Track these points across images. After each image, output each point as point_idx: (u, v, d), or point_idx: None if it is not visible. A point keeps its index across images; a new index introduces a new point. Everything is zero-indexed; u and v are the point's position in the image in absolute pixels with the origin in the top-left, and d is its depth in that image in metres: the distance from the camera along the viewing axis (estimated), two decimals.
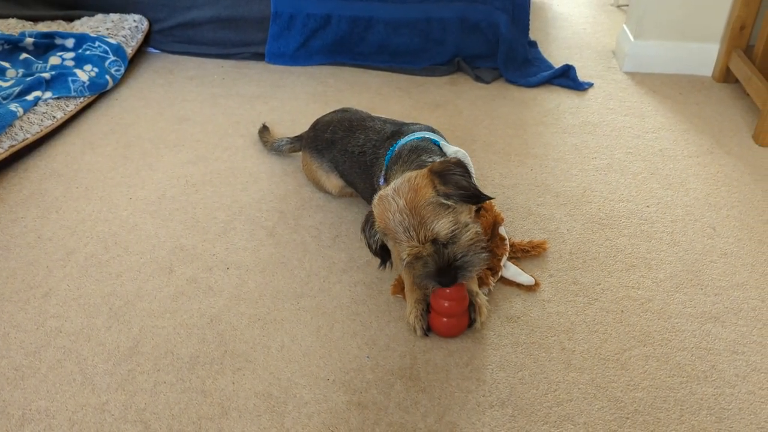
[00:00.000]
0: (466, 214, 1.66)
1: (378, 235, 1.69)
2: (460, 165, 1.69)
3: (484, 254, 1.64)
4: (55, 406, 1.56)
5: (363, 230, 1.73)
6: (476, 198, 1.66)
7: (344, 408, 1.57)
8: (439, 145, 1.90)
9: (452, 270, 1.59)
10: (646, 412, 1.57)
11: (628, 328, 1.81)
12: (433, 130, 2.03)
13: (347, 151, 2.14)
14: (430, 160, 1.79)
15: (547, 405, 1.59)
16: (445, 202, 1.60)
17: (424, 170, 1.66)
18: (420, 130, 1.99)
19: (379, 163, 1.99)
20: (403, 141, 1.92)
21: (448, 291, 1.67)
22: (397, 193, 1.61)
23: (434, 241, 1.58)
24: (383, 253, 1.76)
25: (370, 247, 1.74)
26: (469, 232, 1.62)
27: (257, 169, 2.47)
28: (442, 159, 1.77)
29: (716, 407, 1.58)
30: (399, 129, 2.05)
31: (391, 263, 1.77)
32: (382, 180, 1.94)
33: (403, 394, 1.60)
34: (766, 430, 1.53)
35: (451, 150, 1.88)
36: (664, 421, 1.55)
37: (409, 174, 1.65)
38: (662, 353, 1.73)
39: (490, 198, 1.71)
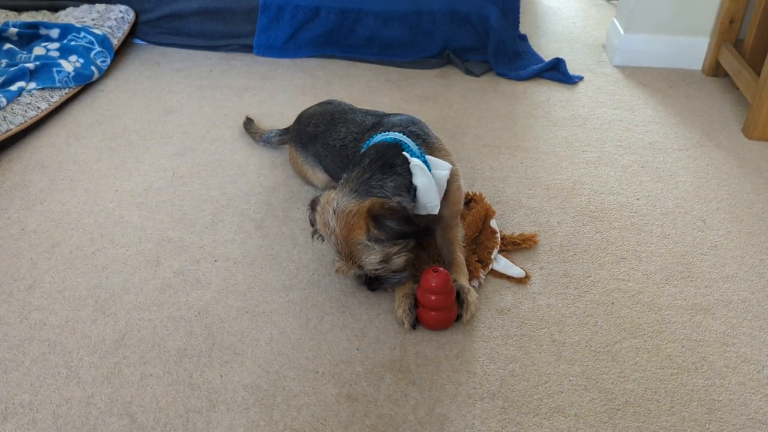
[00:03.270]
0: (398, 246, 1.70)
1: (314, 232, 1.83)
2: (398, 211, 1.65)
3: (404, 274, 1.78)
4: (39, 400, 1.53)
5: (309, 210, 1.82)
6: (414, 234, 1.72)
7: (334, 400, 1.55)
8: (408, 153, 1.79)
9: (374, 282, 1.77)
10: (636, 404, 1.56)
11: (619, 320, 1.80)
12: (414, 122, 1.97)
13: (329, 144, 2.11)
14: (376, 191, 1.70)
15: (537, 397, 1.58)
16: (369, 244, 1.67)
17: (363, 209, 1.66)
18: (401, 124, 1.92)
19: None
20: (376, 138, 1.86)
21: (434, 284, 1.67)
22: (336, 217, 1.68)
23: (361, 267, 1.71)
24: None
25: (311, 223, 1.82)
26: (396, 261, 1.71)
27: (245, 161, 2.45)
28: (383, 201, 1.67)
29: (707, 398, 1.58)
30: (379, 121, 2.01)
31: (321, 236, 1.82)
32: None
33: (393, 386, 1.59)
34: (756, 420, 1.53)
35: (414, 164, 1.75)
36: (654, 413, 1.54)
37: (350, 207, 1.67)
38: (653, 345, 1.72)
39: (425, 234, 1.88)
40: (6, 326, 1.72)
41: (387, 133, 1.87)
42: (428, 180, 1.75)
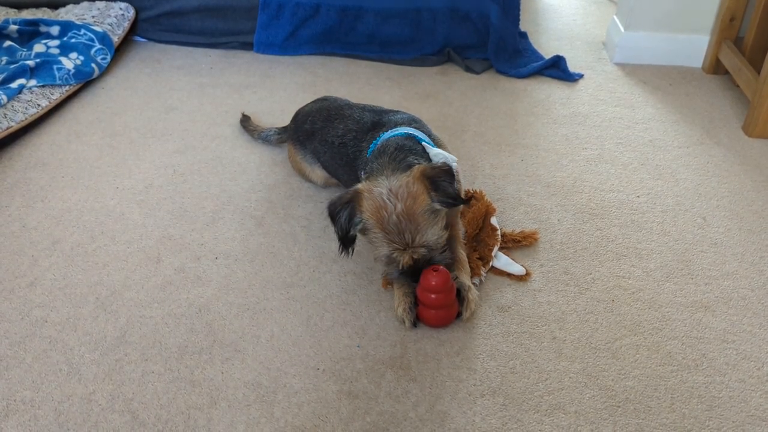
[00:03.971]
0: (444, 219, 1.72)
1: (360, 226, 1.69)
2: (449, 172, 1.70)
3: (447, 254, 1.76)
4: (41, 397, 1.53)
5: (337, 215, 1.69)
6: (458, 202, 1.72)
7: (334, 397, 1.56)
8: (423, 144, 1.88)
9: (412, 271, 1.71)
10: (637, 401, 1.57)
11: (619, 317, 1.80)
12: (415, 120, 2.00)
13: (327, 141, 2.12)
14: (416, 162, 1.77)
15: (538, 394, 1.58)
16: (437, 208, 1.68)
17: (417, 173, 1.67)
18: (403, 122, 1.95)
19: (362, 156, 1.96)
20: (386, 135, 1.88)
21: (434, 283, 1.66)
22: (395, 196, 1.64)
23: (416, 249, 1.66)
24: (350, 242, 1.74)
25: (343, 232, 1.70)
26: (443, 237, 1.72)
27: (246, 158, 2.45)
28: (432, 164, 1.75)
29: (707, 395, 1.59)
30: (380, 119, 2.02)
31: (353, 251, 1.77)
32: (362, 173, 1.90)
33: (393, 383, 1.59)
34: (756, 417, 1.53)
35: (435, 152, 1.85)
36: (655, 410, 1.55)
37: (405, 178, 1.67)
38: (653, 342, 1.73)
39: (467, 202, 1.82)
40: (7, 323, 1.72)
41: (395, 129, 1.89)
42: (449, 157, 1.83)
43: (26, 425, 1.46)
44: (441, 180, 1.67)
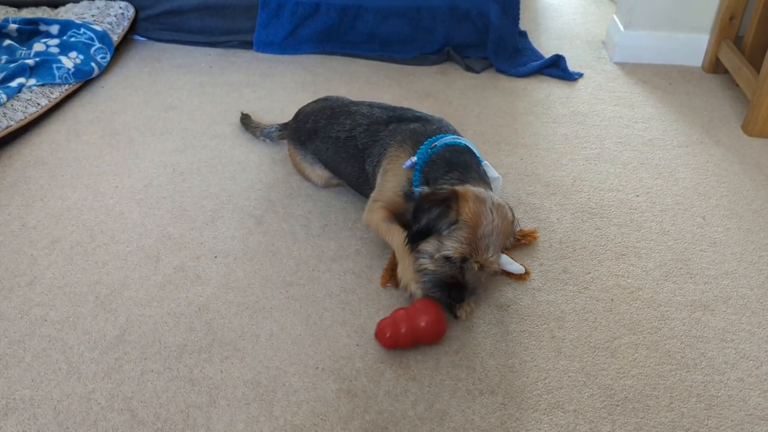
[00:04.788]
0: None
1: (452, 226, 1.65)
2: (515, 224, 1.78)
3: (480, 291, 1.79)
4: (40, 395, 1.53)
5: (429, 209, 1.67)
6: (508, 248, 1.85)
7: (334, 396, 1.56)
8: (480, 161, 1.89)
9: (463, 290, 1.68)
10: (636, 400, 1.57)
11: (618, 316, 1.81)
12: (441, 122, 2.02)
13: (331, 137, 2.12)
14: (496, 190, 1.87)
15: (537, 393, 1.58)
16: (507, 244, 1.76)
17: (509, 210, 1.73)
18: (440, 126, 1.97)
19: (380, 145, 1.98)
20: (447, 140, 1.88)
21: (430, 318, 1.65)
22: (496, 210, 1.67)
23: (482, 267, 1.67)
24: (423, 237, 1.71)
25: (426, 227, 1.68)
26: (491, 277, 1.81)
27: (245, 157, 2.45)
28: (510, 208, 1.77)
29: (706, 394, 1.59)
30: (397, 114, 2.04)
31: (416, 247, 1.74)
32: (417, 183, 1.85)
33: (392, 382, 1.59)
34: (754, 416, 1.54)
35: (492, 175, 1.90)
36: (653, 408, 1.55)
37: (499, 201, 1.71)
38: (652, 341, 1.73)
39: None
40: (7, 322, 1.73)
41: (452, 137, 1.91)
42: (498, 176, 1.92)
43: (26, 424, 1.47)
44: (515, 226, 1.76)
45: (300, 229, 2.09)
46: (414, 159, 1.86)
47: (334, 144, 2.12)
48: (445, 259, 1.66)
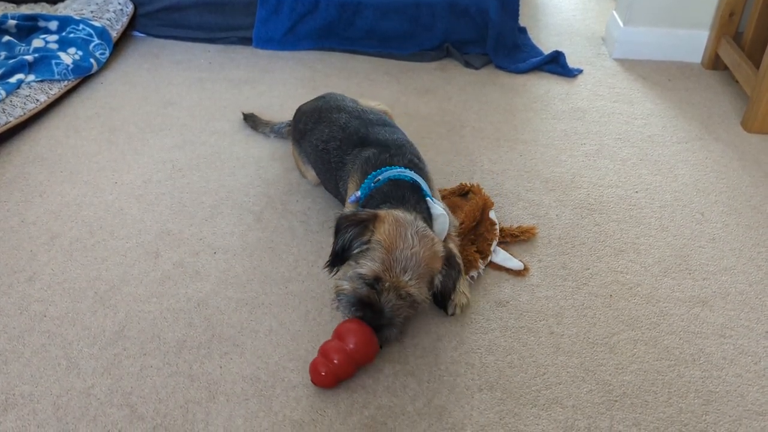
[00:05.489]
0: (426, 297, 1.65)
1: (364, 246, 1.60)
2: (460, 272, 1.70)
3: (395, 332, 1.63)
4: (40, 391, 1.53)
5: (345, 229, 1.63)
6: (444, 300, 1.70)
7: (332, 391, 1.56)
8: (425, 197, 1.79)
9: (378, 315, 1.57)
10: (634, 395, 1.57)
11: (617, 312, 1.81)
12: (414, 160, 1.90)
13: (312, 143, 2.11)
14: (441, 228, 1.77)
15: (536, 388, 1.59)
16: (434, 282, 1.65)
17: (442, 247, 1.64)
18: (393, 154, 1.87)
19: (346, 170, 1.94)
20: (390, 174, 1.80)
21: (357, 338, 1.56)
22: (419, 238, 1.58)
23: (397, 289, 1.57)
24: (341, 261, 1.67)
25: (341, 248, 1.64)
26: (414, 309, 1.65)
27: (245, 153, 2.45)
28: (455, 255, 1.71)
29: (704, 390, 1.59)
30: (366, 134, 1.97)
31: (337, 271, 1.70)
32: (344, 189, 1.88)
33: (391, 377, 1.60)
34: (753, 411, 1.54)
35: (437, 214, 1.79)
36: (652, 404, 1.55)
37: (433, 235, 1.64)
38: (650, 337, 1.73)
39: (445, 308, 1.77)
40: (6, 318, 1.73)
41: (401, 172, 1.81)
42: (443, 213, 1.79)
43: (25, 419, 1.47)
44: (453, 271, 1.65)
45: (299, 225, 2.09)
46: (358, 194, 1.81)
47: (314, 151, 2.10)
48: (359, 276, 1.58)
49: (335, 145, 2.01)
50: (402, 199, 1.74)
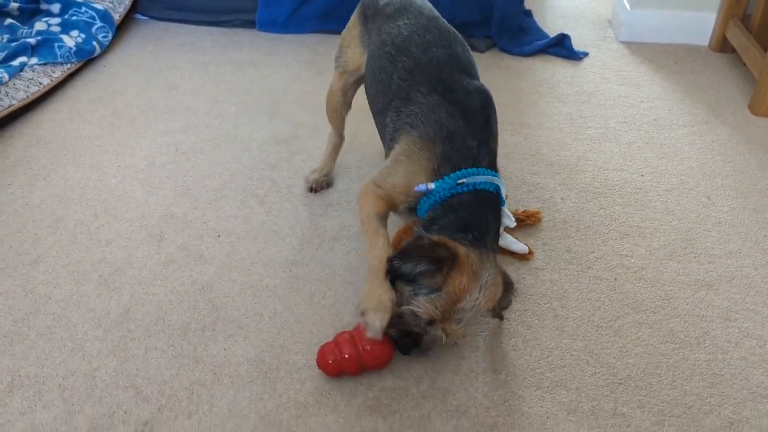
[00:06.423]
0: None
1: (431, 290, 1.42)
2: (514, 290, 1.56)
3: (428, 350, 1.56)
4: (45, 372, 1.54)
5: (416, 259, 1.42)
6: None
7: None
8: (499, 208, 1.58)
9: (413, 346, 1.49)
10: (638, 378, 1.57)
11: (622, 295, 1.80)
12: (490, 127, 1.64)
13: (382, 38, 1.74)
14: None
15: (539, 371, 1.59)
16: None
17: (505, 278, 1.51)
18: (483, 141, 1.58)
19: (404, 115, 1.61)
20: (477, 182, 1.51)
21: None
22: (486, 289, 1.44)
23: (445, 332, 1.46)
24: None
25: (403, 271, 1.44)
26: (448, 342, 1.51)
27: (248, 137, 2.44)
28: (510, 282, 1.54)
29: (708, 373, 1.59)
30: (452, 82, 1.62)
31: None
32: (421, 215, 1.57)
33: (395, 360, 1.59)
34: (757, 394, 1.54)
35: (509, 223, 1.74)
36: (656, 387, 1.55)
37: (494, 279, 1.46)
38: (655, 320, 1.73)
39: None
40: (11, 300, 1.73)
41: (488, 179, 1.55)
42: (510, 219, 1.72)
43: (31, 400, 1.48)
44: (510, 295, 1.54)
45: (303, 209, 2.09)
46: (431, 186, 1.52)
47: (378, 49, 1.73)
48: (412, 313, 1.45)
49: (403, 73, 1.65)
50: (484, 229, 1.49)
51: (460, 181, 1.50)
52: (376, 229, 1.56)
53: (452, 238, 1.44)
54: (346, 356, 1.50)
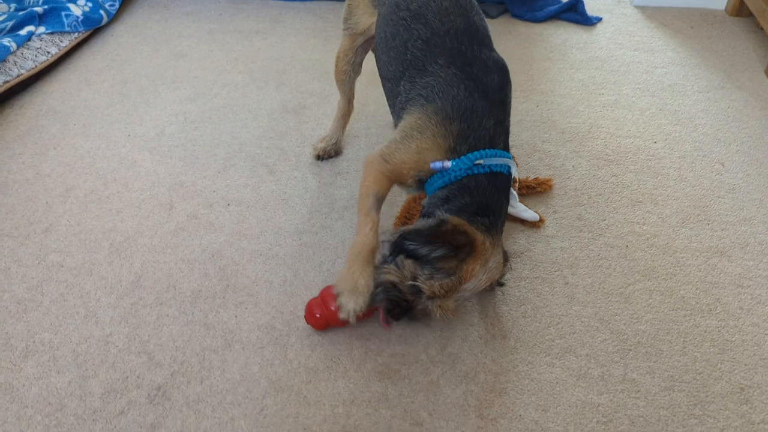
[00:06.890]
0: None
1: (444, 273, 1.41)
2: (507, 260, 1.56)
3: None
4: (59, 338, 1.56)
5: (434, 244, 1.40)
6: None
7: (347, 339, 1.57)
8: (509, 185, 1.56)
9: (404, 314, 1.48)
10: (648, 344, 1.57)
11: (633, 262, 1.79)
12: (505, 103, 1.58)
13: (393, 4, 1.69)
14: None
15: (549, 338, 1.59)
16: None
17: (504, 258, 1.52)
18: (500, 118, 1.53)
19: (419, 86, 1.55)
20: (493, 164, 1.48)
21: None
22: (489, 272, 1.44)
23: (440, 306, 1.45)
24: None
25: (419, 252, 1.41)
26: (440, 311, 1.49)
27: (257, 105, 2.42)
28: (507, 255, 1.56)
29: (719, 339, 1.58)
30: (470, 55, 1.55)
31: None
32: (432, 192, 1.53)
33: (404, 326, 1.60)
34: None
35: (515, 204, 1.82)
36: (666, 353, 1.55)
37: (499, 258, 1.47)
38: (666, 287, 1.72)
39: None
40: (24, 267, 1.75)
41: (503, 160, 1.50)
42: (515, 197, 1.79)
43: (45, 365, 1.50)
44: (504, 270, 1.54)
45: (312, 178, 2.08)
46: (448, 164, 1.48)
47: (391, 13, 1.67)
48: (414, 287, 1.43)
49: (422, 36, 1.59)
50: (497, 213, 1.47)
51: (477, 161, 1.47)
52: (368, 212, 1.55)
53: (469, 221, 1.43)
54: (332, 309, 1.51)
